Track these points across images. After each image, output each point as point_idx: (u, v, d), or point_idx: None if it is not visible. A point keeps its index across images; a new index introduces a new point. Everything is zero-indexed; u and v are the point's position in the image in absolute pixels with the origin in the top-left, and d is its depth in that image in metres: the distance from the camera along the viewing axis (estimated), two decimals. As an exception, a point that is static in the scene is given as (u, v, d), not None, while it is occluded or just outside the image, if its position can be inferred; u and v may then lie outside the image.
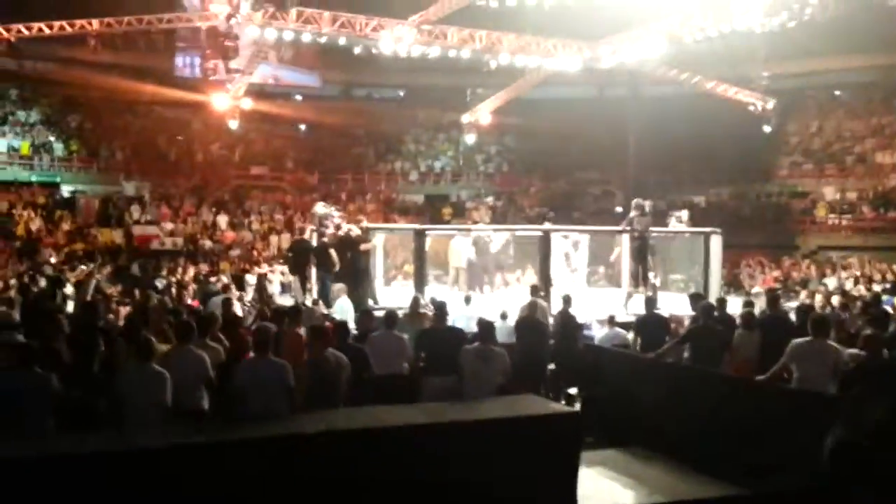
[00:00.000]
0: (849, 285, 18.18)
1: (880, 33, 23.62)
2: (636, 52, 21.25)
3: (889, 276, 19.18)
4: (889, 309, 12.26)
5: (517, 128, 31.14)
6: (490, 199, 29.82)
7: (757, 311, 10.18)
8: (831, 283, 18.99)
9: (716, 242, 15.13)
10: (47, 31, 18.16)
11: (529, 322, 10.52)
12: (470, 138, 28.99)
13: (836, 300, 13.51)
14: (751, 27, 18.07)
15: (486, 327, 8.17)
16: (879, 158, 26.97)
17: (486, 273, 16.12)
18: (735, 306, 11.28)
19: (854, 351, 7.19)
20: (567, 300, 10.97)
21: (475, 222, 24.56)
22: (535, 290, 11.75)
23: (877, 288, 17.32)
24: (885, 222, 24.66)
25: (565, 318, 10.80)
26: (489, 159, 32.19)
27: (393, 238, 18.33)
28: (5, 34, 17.69)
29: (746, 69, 25.19)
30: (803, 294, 16.14)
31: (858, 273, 19.92)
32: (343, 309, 11.63)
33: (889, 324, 8.94)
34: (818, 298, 14.62)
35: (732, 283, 19.11)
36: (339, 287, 12.49)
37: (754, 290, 17.75)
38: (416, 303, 10.99)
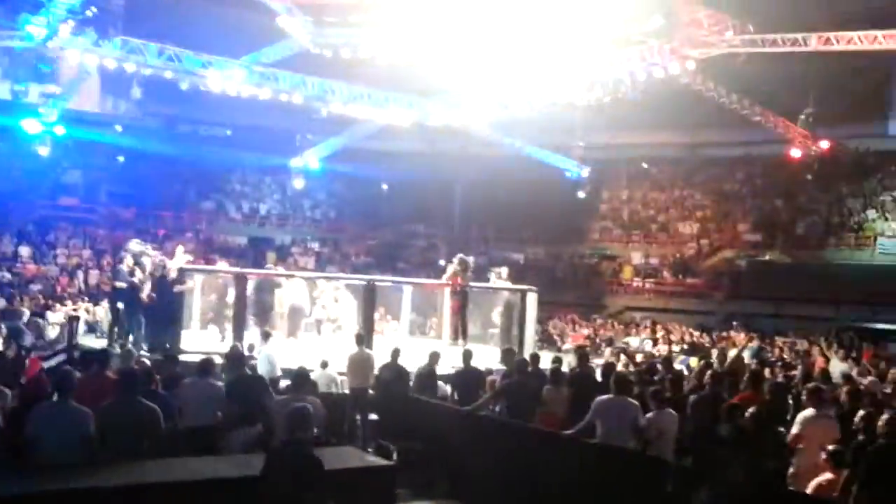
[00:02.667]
0: (649, 346, 19.43)
1: (684, 114, 25.84)
2: (464, 114, 22.08)
3: (686, 338, 20.67)
4: (685, 369, 13.27)
5: (346, 175, 31.26)
6: (316, 245, 29.63)
7: (567, 367, 10.66)
8: (634, 342, 20.21)
9: (532, 299, 15.75)
10: None
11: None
12: (298, 182, 28.78)
13: (639, 358, 14.45)
14: (571, 101, 19.26)
15: (301, 376, 8.05)
16: (680, 228, 29.25)
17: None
18: (547, 362, 11.76)
19: (651, 415, 7.60)
20: (396, 352, 10.99)
21: (300, 268, 24.28)
22: (360, 339, 11.71)
23: (675, 349, 18.63)
24: (684, 287, 26.67)
25: (398, 371, 10.82)
26: (317, 205, 32.04)
27: (211, 280, 17.73)
28: None
29: (565, 138, 26.72)
30: (608, 351, 17.11)
31: (661, 334, 21.32)
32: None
33: (684, 384, 9.64)
34: (622, 357, 15.55)
35: (545, 338, 19.91)
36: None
37: (565, 346, 18.62)
38: (234, 350, 10.63)
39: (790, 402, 9.03)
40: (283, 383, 9.58)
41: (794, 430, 7.22)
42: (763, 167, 29.17)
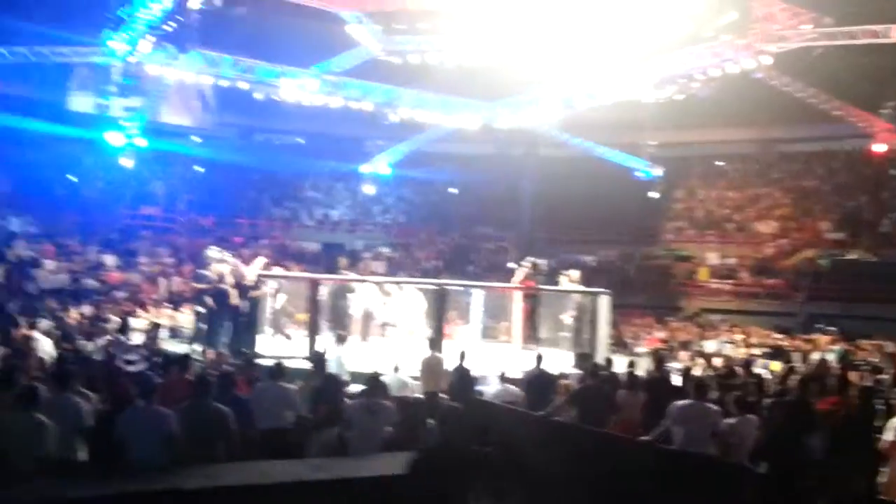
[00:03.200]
0: (727, 349, 18.95)
1: (758, 109, 25.22)
2: (532, 115, 22.01)
3: (766, 341, 20.10)
4: (765, 373, 12.91)
5: (415, 180, 31.50)
6: (386, 250, 29.90)
7: (641, 371, 10.50)
8: (711, 345, 19.76)
9: (604, 302, 15.57)
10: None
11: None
12: (368, 188, 29.12)
13: (718, 362, 14.11)
14: (641, 99, 19.00)
15: (374, 380, 8.15)
16: (758, 227, 28.51)
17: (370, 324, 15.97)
18: (621, 366, 11.61)
19: (733, 421, 7.41)
20: (463, 355, 11.04)
21: (371, 272, 24.53)
22: (432, 343, 11.78)
23: (754, 352, 18.13)
24: (763, 288, 25.97)
25: (461, 373, 10.86)
26: (387, 210, 32.34)
27: (286, 286, 18.07)
28: None
29: (635, 137, 26.37)
30: (684, 355, 16.78)
31: (739, 337, 20.79)
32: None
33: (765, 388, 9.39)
34: (699, 361, 15.21)
35: (618, 342, 19.63)
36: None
37: (639, 349, 18.32)
38: (316, 355, 10.83)
39: (878, 407, 8.70)
40: (352, 388, 9.69)
41: (888, 436, 6.94)
42: (844, 162, 28.23)
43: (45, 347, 11.12)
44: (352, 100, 21.16)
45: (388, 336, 16.71)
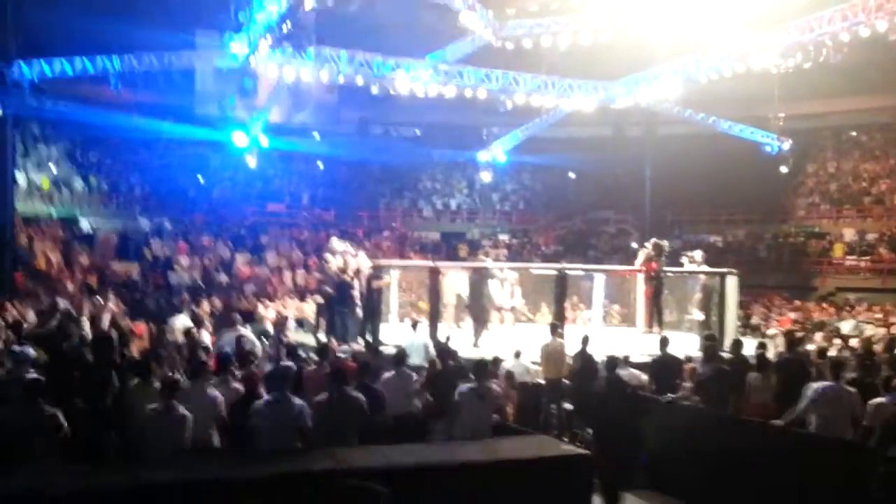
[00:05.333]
0: (866, 329, 17.93)
1: (892, 75, 23.65)
2: (651, 93, 21.41)
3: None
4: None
5: (533, 166, 31.30)
6: (506, 237, 29.87)
7: (772, 353, 10.08)
8: (847, 325, 18.75)
9: (732, 283, 15.03)
10: (69, 69, 18.44)
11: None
12: (486, 176, 29.13)
13: (855, 343, 13.36)
14: (766, 68, 18.14)
15: (481, 366, 8.17)
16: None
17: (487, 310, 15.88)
18: (751, 349, 11.18)
19: (881, 400, 6.96)
20: (585, 340, 10.91)
21: (480, 260, 24.55)
22: (554, 329, 11.71)
23: (896, 331, 17.08)
24: (904, 264, 24.44)
25: (584, 358, 10.74)
26: (505, 197, 32.28)
27: (407, 275, 18.36)
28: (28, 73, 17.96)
29: (762, 109, 25.25)
30: (819, 336, 15.98)
31: (879, 316, 19.63)
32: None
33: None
34: (835, 342, 14.46)
35: (748, 324, 18.91)
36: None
37: (770, 331, 17.58)
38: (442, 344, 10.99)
39: None
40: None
41: None
42: None
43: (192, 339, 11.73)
44: (466, 88, 21.16)
45: (508, 322, 16.72)
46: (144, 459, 6.34)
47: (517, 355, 11.44)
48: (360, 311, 13.79)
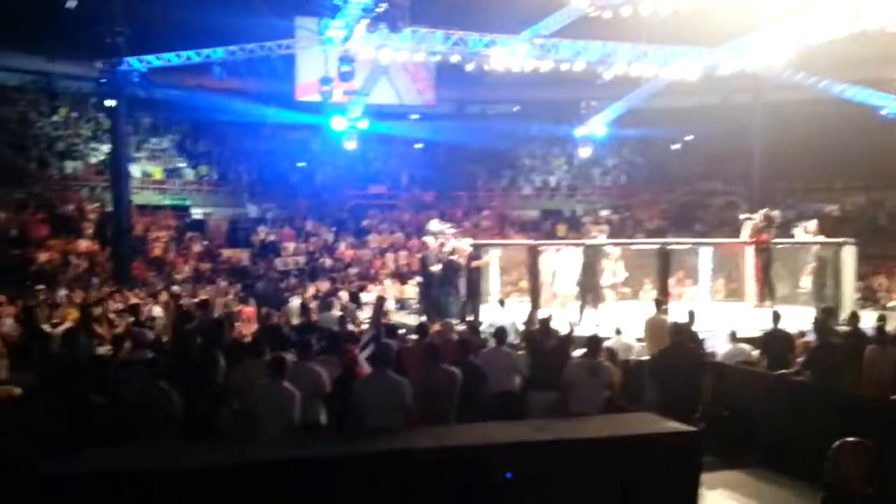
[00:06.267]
0: None
1: None
2: (759, 57, 20.49)
3: None
4: None
5: (635, 139, 30.55)
6: (606, 213, 29.30)
7: (893, 326, 9.56)
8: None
9: (849, 253, 14.32)
10: (175, 60, 19.16)
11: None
12: (585, 151, 28.64)
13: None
14: (883, 27, 17.07)
15: (594, 341, 8.04)
16: None
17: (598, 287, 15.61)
18: (870, 321, 10.62)
19: None
20: (691, 315, 10.62)
21: (592, 237, 24.20)
22: (658, 304, 11.46)
23: None
24: None
25: (688, 334, 10.42)
26: (606, 172, 31.67)
27: (507, 254, 18.26)
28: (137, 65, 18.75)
29: (881, 71, 23.85)
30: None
31: None
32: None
33: None
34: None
35: (868, 296, 17.98)
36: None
37: (891, 304, 16.68)
38: (530, 319, 10.93)
39: None
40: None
41: None
42: None
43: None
44: (563, 62, 20.80)
45: (611, 300, 16.41)
46: (256, 437, 6.52)
47: (618, 332, 11.23)
48: (460, 291, 13.83)
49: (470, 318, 13.50)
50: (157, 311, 14.11)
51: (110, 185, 20.99)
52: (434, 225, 15.28)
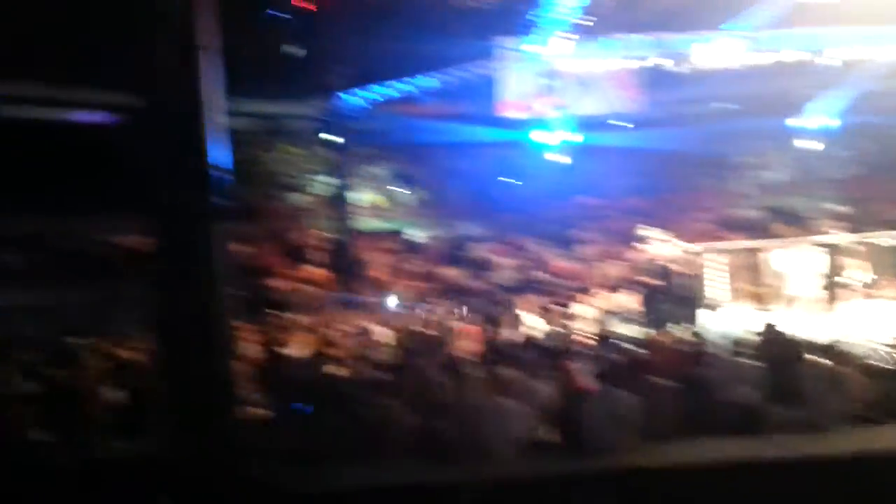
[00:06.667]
0: None
1: None
2: None
3: None
4: None
5: (865, 127, 28.17)
6: (835, 208, 27.18)
7: None
8: None
9: None
10: (392, 94, 20.20)
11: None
12: (808, 143, 26.82)
13: None
14: None
15: (830, 349, 7.51)
16: None
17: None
18: None
19: None
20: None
21: (818, 234, 22.58)
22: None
23: None
24: None
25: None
26: (832, 165, 29.39)
27: (731, 257, 17.40)
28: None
29: None
30: None
31: None
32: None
33: None
34: None
35: None
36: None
37: None
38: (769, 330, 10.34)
39: None
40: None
41: None
42: None
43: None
44: (778, 52, 19.69)
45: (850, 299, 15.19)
46: (482, 454, 6.62)
47: (860, 336, 10.38)
48: (682, 299, 13.39)
49: (695, 327, 13.00)
50: (385, 332, 14.78)
51: (334, 214, 22.41)
52: (647, 232, 14.91)
